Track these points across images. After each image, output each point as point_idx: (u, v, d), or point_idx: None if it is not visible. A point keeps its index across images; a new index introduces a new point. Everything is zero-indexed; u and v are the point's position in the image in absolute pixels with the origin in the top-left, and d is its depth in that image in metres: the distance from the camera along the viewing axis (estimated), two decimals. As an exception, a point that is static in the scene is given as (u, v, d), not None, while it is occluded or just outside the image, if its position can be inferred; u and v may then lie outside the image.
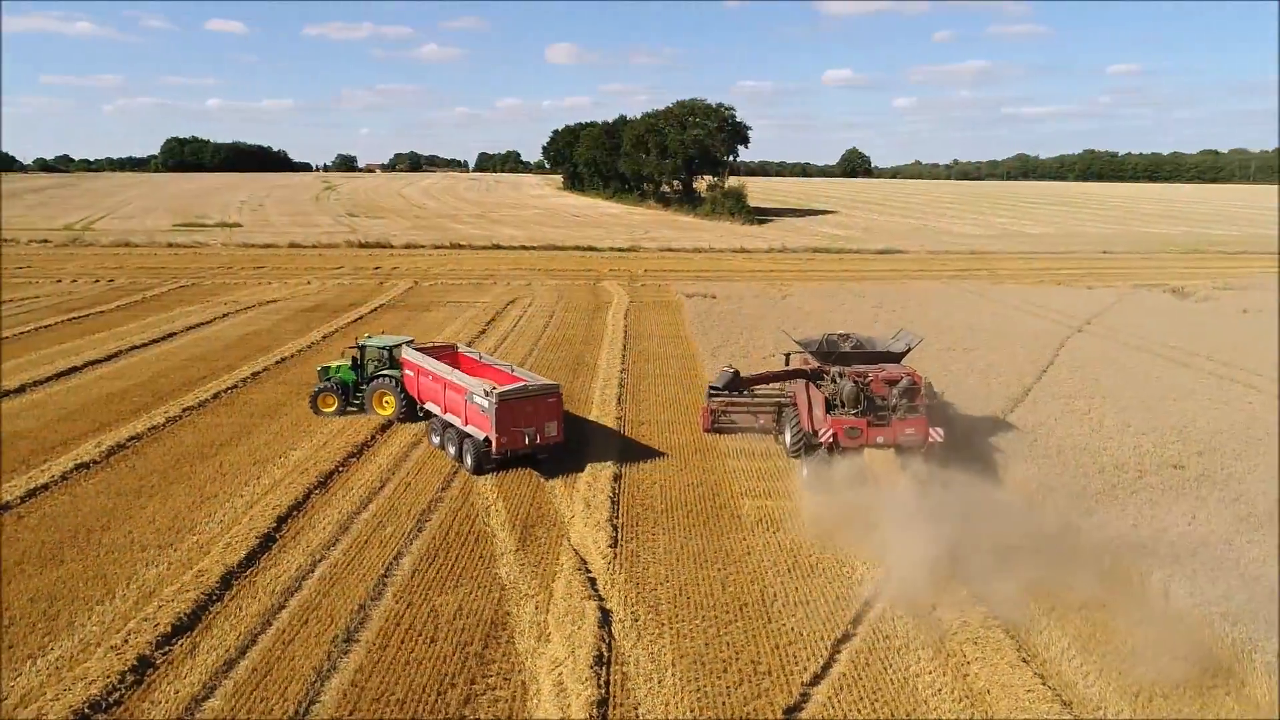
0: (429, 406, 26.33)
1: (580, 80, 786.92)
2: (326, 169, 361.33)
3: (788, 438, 25.00)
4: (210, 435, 26.32)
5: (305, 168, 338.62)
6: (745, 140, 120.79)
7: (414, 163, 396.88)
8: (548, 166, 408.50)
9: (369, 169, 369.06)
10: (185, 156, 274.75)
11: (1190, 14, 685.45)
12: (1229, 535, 18.71)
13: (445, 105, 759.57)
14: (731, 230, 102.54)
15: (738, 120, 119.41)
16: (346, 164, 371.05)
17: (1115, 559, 17.73)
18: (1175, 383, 32.88)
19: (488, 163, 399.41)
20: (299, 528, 19.74)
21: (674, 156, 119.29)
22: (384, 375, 28.17)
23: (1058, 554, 17.85)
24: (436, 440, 25.39)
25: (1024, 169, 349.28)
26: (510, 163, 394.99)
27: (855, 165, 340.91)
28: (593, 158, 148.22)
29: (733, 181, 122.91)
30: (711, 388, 26.30)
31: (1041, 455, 24.06)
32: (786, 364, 27.28)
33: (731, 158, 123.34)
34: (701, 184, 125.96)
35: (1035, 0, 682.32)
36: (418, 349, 27.98)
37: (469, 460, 23.48)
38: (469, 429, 23.68)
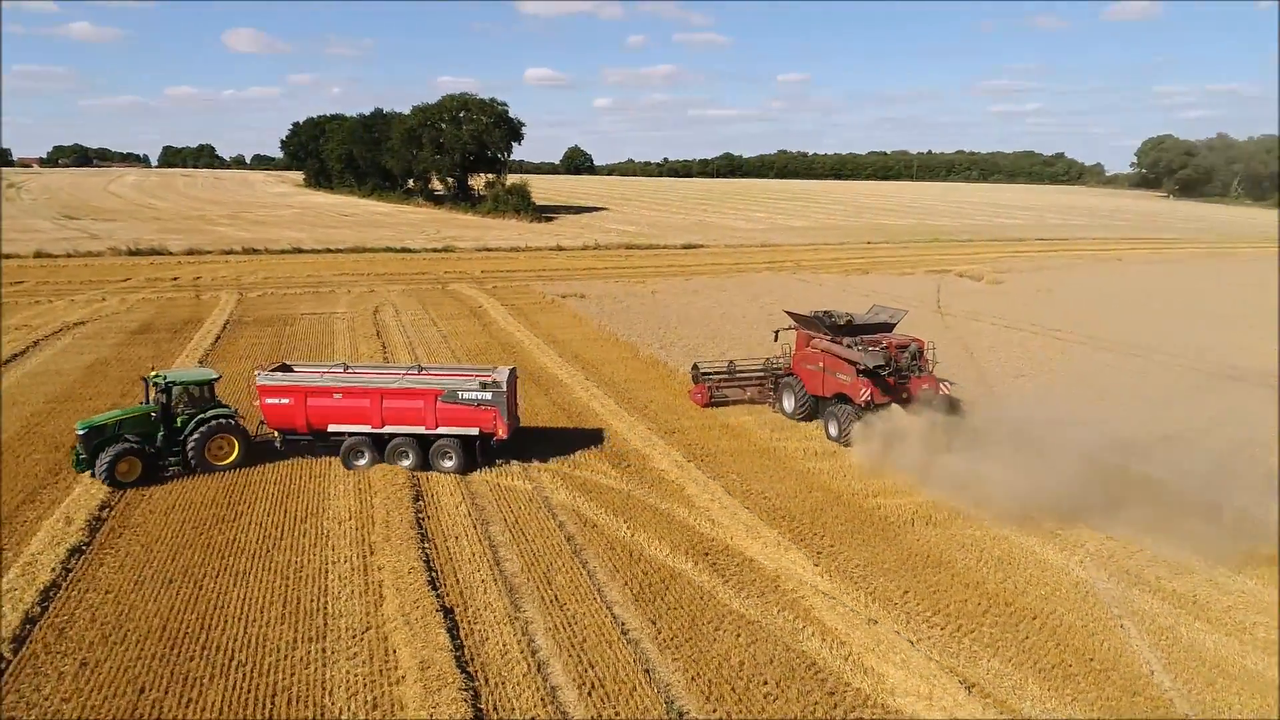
0: (340, 428, 22.95)
1: (266, 70, 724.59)
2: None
3: (789, 405, 28.51)
4: (197, 493, 21.27)
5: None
6: (520, 136, 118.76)
7: (82, 157, 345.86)
8: (248, 161, 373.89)
9: (24, 163, 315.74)
10: None
11: (843, 32, 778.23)
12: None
13: (104, 92, 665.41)
14: (524, 228, 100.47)
15: (511, 116, 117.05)
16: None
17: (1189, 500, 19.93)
18: (1074, 356, 37.41)
19: (175, 157, 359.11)
20: (455, 592, 16.54)
21: (450, 153, 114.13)
22: (216, 417, 22.72)
23: (1145, 501, 19.87)
24: (363, 461, 22.83)
25: (731, 167, 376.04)
26: (205, 157, 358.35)
27: (578, 163, 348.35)
28: (348, 153, 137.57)
29: (513, 179, 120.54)
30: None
31: (1059, 421, 26.11)
32: (775, 340, 30.71)
33: (506, 154, 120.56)
34: (479, 181, 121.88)
35: (716, 2, 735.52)
36: (274, 369, 24.41)
37: (449, 464, 22.78)
38: (445, 430, 22.79)
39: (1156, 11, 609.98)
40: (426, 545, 18.47)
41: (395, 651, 14.29)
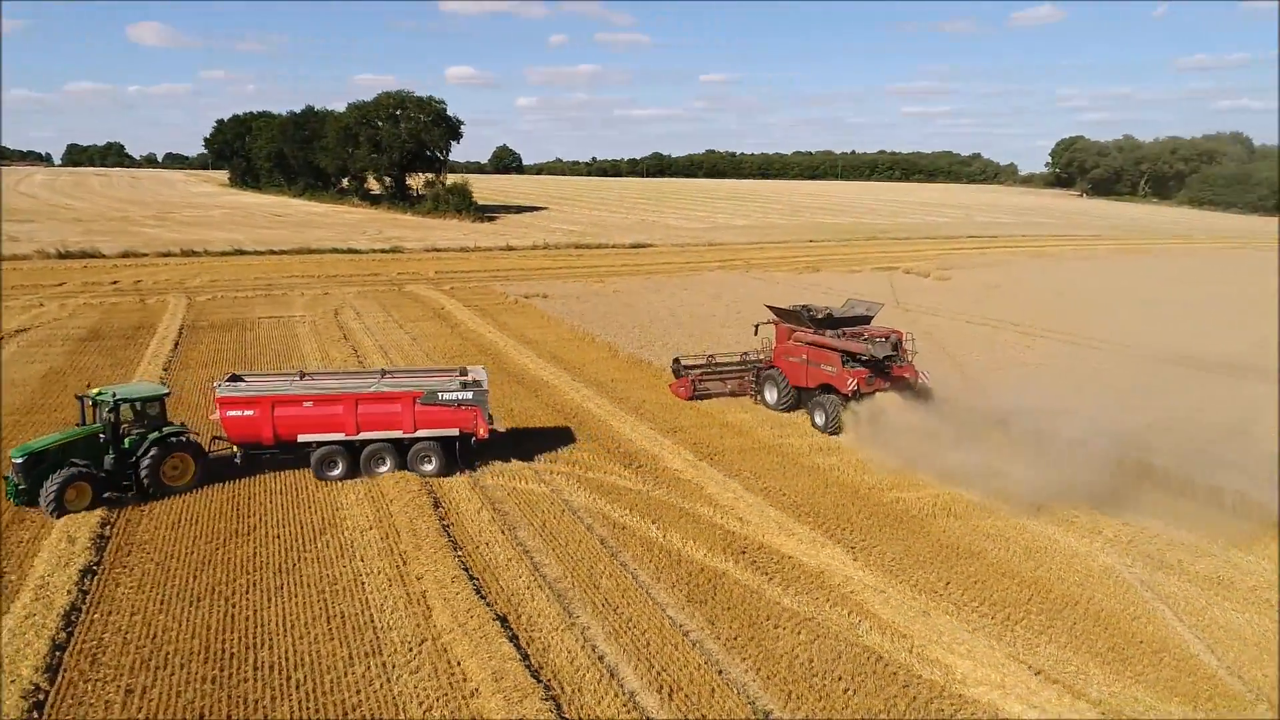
0: (311, 438, 22.03)
1: (175, 65, 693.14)
2: None
3: (772, 397, 29.26)
4: (201, 506, 20.35)
5: None
6: (459, 135, 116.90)
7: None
8: (160, 160, 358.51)
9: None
10: None
11: (765, 33, 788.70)
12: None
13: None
14: (469, 229, 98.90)
15: (450, 115, 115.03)
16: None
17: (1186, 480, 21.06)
18: (1041, 349, 38.68)
19: (81, 156, 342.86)
20: (503, 600, 16.16)
21: (389, 151, 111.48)
22: (170, 435, 21.16)
23: (1149, 487, 21.13)
24: (337, 471, 22.07)
25: (660, 166, 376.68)
26: (114, 156, 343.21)
27: (507, 162, 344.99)
28: (277, 151, 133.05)
29: (453, 178, 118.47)
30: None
31: (1049, 412, 26.98)
32: (755, 334, 31.66)
33: (445, 153, 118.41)
34: (417, 180, 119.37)
35: (638, 2, 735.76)
36: (230, 380, 23.16)
37: (429, 467, 22.40)
38: (424, 433, 22.43)
39: (1058, 16, 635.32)
40: (460, 553, 18.00)
41: (460, 663, 13.88)
